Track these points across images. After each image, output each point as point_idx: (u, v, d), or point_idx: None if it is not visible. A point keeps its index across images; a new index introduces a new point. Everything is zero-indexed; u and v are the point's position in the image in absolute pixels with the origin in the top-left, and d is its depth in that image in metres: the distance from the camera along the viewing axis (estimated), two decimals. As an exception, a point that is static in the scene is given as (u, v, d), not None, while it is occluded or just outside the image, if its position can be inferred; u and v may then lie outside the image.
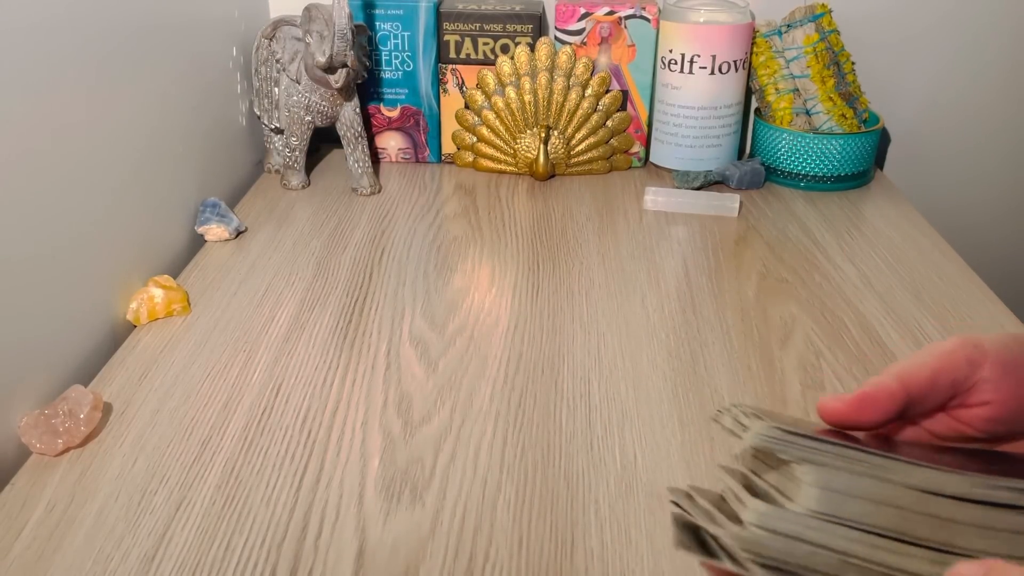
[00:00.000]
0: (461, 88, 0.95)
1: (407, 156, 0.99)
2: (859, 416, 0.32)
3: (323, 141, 1.02)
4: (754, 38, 0.92)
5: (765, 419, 0.29)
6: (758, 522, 0.27)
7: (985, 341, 0.33)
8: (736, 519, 0.28)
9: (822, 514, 0.27)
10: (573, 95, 0.92)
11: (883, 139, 1.05)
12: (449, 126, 0.97)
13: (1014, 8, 0.97)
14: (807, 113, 0.93)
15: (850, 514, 0.27)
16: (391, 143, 0.98)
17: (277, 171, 0.94)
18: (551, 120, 0.93)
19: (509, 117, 0.93)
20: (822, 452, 0.28)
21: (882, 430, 0.34)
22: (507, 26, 0.92)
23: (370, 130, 0.97)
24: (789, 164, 0.92)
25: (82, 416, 0.51)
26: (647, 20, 0.91)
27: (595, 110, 0.93)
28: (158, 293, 0.66)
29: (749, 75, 0.94)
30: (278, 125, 0.91)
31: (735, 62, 0.90)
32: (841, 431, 0.32)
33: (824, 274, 0.73)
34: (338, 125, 0.88)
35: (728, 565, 0.27)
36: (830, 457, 0.28)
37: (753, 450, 0.30)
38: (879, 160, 1.05)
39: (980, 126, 1.03)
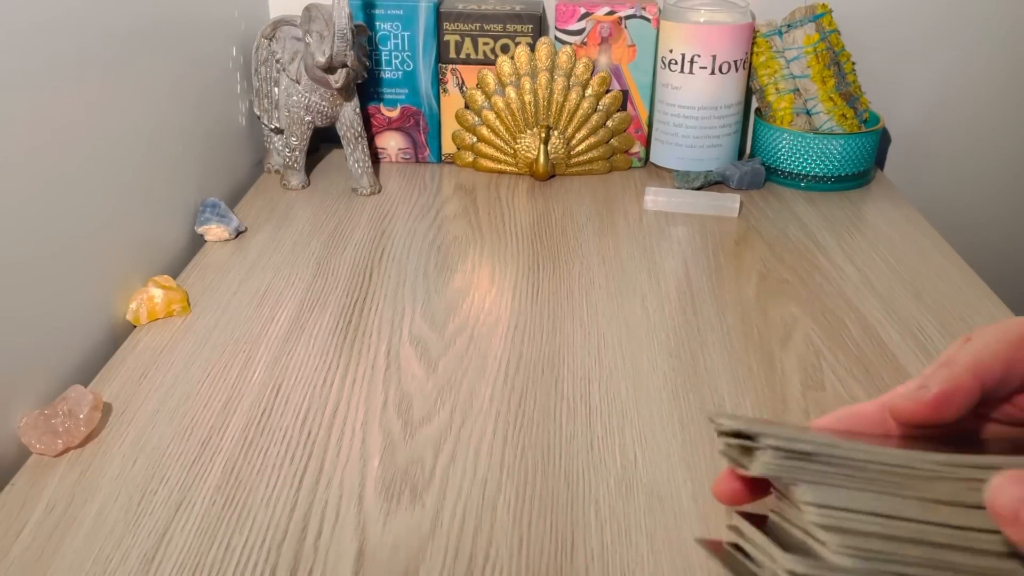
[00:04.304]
0: (461, 88, 0.95)
1: (407, 156, 0.99)
2: (937, 417, 0.30)
3: (323, 141, 1.02)
4: (754, 38, 0.92)
5: (764, 441, 0.29)
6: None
7: None
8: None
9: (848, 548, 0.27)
10: (573, 95, 0.92)
11: (883, 139, 1.05)
12: (449, 126, 0.97)
13: (1014, 8, 0.97)
14: (807, 113, 0.93)
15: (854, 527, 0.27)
16: (391, 143, 0.98)
17: (277, 171, 0.94)
18: (551, 120, 0.93)
19: (509, 117, 0.93)
20: (825, 473, 0.28)
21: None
22: (507, 26, 0.92)
23: (370, 130, 0.97)
24: (789, 164, 0.92)
25: (82, 416, 0.51)
26: (647, 20, 0.91)
27: (595, 110, 0.93)
28: (158, 293, 0.66)
29: (749, 75, 0.94)
30: (278, 125, 0.91)
31: (735, 62, 0.90)
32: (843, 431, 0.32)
33: (824, 274, 0.73)
34: (338, 125, 0.88)
35: None
36: (838, 479, 0.28)
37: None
38: (879, 160, 1.05)
39: (980, 126, 1.03)
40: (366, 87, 0.94)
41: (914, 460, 0.28)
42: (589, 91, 0.92)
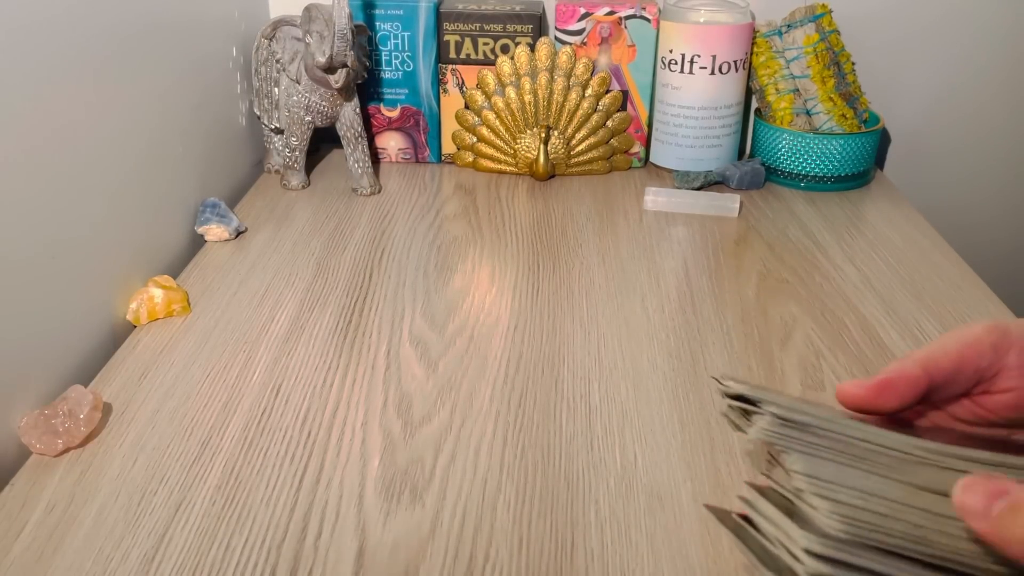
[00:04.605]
0: (461, 88, 0.95)
1: (407, 156, 0.99)
2: (878, 402, 0.31)
3: (323, 141, 1.02)
4: (754, 38, 0.92)
5: (766, 408, 0.30)
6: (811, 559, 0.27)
7: (1012, 327, 0.32)
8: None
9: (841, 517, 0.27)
10: (573, 95, 0.92)
11: (883, 139, 1.05)
12: (449, 126, 0.97)
13: (1014, 8, 0.97)
14: (807, 113, 0.93)
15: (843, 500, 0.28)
16: (391, 143, 0.98)
17: (277, 171, 0.94)
18: (551, 120, 0.93)
19: (509, 117, 0.93)
20: (817, 446, 0.29)
21: (903, 414, 0.33)
22: (507, 26, 0.92)
23: (370, 130, 0.97)
24: (789, 164, 0.92)
25: (82, 416, 0.51)
26: (647, 20, 0.91)
27: (595, 110, 0.93)
28: (158, 293, 0.66)
29: (749, 75, 0.94)
30: (278, 125, 0.91)
31: (735, 62, 0.90)
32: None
33: (824, 274, 0.73)
34: (338, 125, 0.88)
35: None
36: (829, 452, 0.29)
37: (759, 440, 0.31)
38: (879, 160, 1.05)
39: (980, 126, 1.03)
40: (366, 87, 0.94)
41: (905, 444, 0.29)
42: (589, 91, 0.92)
